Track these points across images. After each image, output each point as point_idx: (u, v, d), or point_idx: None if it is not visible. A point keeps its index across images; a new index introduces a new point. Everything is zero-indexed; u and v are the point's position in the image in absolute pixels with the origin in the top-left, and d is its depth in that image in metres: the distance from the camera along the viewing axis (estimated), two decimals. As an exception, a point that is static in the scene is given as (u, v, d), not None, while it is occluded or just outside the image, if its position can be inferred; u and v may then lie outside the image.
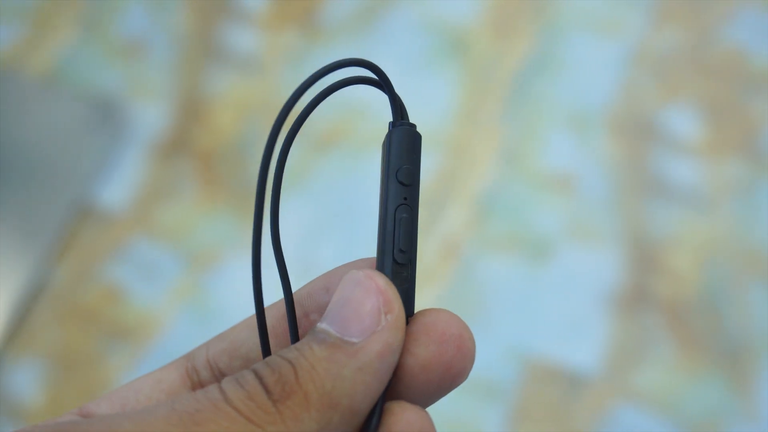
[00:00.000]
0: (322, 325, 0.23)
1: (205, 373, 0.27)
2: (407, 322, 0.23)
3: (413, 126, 0.25)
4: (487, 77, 0.85)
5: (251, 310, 0.26)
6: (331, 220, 0.80)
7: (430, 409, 0.23)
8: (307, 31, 0.89)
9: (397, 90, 0.26)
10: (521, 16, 0.88)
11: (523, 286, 0.76)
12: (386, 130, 0.25)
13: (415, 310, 0.24)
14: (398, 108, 0.25)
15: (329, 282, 0.26)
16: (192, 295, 0.77)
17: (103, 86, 0.87)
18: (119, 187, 0.82)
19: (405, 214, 0.24)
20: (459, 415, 0.71)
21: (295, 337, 0.25)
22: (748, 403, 0.71)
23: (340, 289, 0.23)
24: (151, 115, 0.85)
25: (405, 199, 0.24)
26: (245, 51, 0.88)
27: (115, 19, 0.91)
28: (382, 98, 0.26)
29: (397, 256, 0.24)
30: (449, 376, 0.23)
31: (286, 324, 0.26)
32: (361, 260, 0.26)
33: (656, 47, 0.86)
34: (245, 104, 0.86)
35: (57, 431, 0.20)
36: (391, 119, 0.26)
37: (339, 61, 0.25)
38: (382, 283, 0.23)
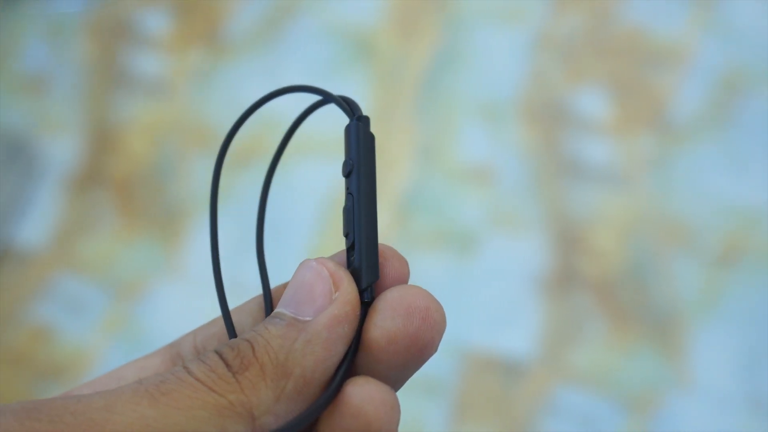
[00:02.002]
0: (279, 309, 0.24)
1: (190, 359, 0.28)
2: (369, 298, 0.25)
3: (359, 119, 0.27)
4: (396, 77, 0.86)
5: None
6: (254, 237, 0.79)
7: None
8: (212, 49, 0.88)
9: (308, 98, 0.27)
10: (424, 12, 0.89)
11: (453, 279, 0.76)
12: (304, 139, 0.27)
13: None
14: (347, 108, 0.27)
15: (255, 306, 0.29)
16: (122, 327, 0.76)
17: (9, 124, 0.85)
18: (36, 224, 0.80)
19: (347, 203, 0.26)
20: (402, 415, 0.71)
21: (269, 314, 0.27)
22: (682, 371, 0.73)
23: (294, 275, 0.25)
24: (61, 148, 0.84)
25: (347, 188, 0.26)
26: (151, 75, 0.87)
27: (14, 54, 0.89)
28: (296, 109, 0.27)
29: (346, 242, 0.26)
30: (417, 348, 0.24)
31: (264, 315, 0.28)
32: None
33: (558, 32, 0.87)
34: (157, 128, 0.85)
35: (26, 406, 0.21)
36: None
37: (283, 88, 0.28)
38: (331, 266, 0.25)
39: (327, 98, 0.28)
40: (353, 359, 0.25)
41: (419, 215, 0.79)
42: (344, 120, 0.27)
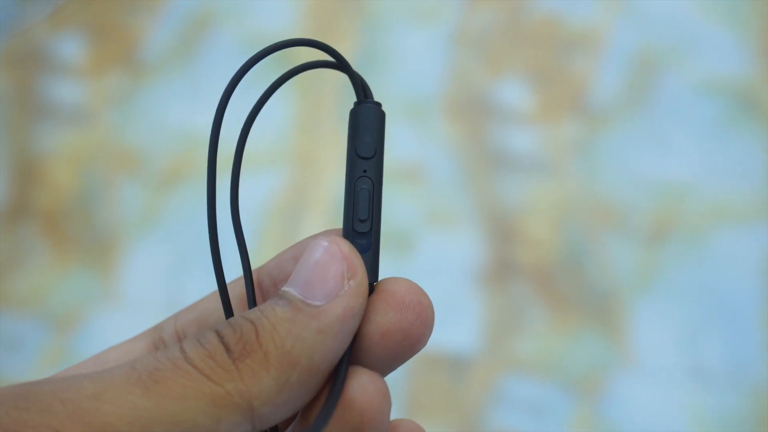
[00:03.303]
0: (286, 288, 0.23)
1: (171, 344, 0.27)
2: (370, 290, 0.24)
3: (376, 104, 0.26)
4: (318, 84, 0.85)
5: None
6: (191, 254, 0.78)
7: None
8: (129, 72, 0.87)
9: (229, 112, 0.26)
10: (340, 16, 0.89)
11: (393, 281, 0.76)
12: (230, 154, 0.26)
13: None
14: (360, 86, 0.27)
15: (297, 252, 0.27)
16: (63, 359, 0.75)
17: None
18: (-36, 264, 0.79)
19: (364, 186, 0.25)
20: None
21: (252, 301, 0.26)
22: (625, 350, 0.74)
23: (305, 255, 0.24)
24: (-16, 184, 0.82)
25: (365, 171, 0.25)
26: (71, 102, 0.86)
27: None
28: (229, 129, 0.26)
29: (357, 226, 0.25)
30: (409, 343, 0.24)
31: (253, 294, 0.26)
32: (329, 230, 0.26)
33: (474, 27, 0.88)
34: (81, 156, 0.84)
35: (15, 392, 0.20)
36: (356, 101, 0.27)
37: (290, 40, 0.26)
38: (346, 249, 0.23)
39: (345, 69, 0.27)
40: (352, 352, 0.24)
41: (353, 220, 0.79)
42: (272, 132, 0.27)
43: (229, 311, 0.26)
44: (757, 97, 0.82)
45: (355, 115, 0.26)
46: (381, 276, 0.26)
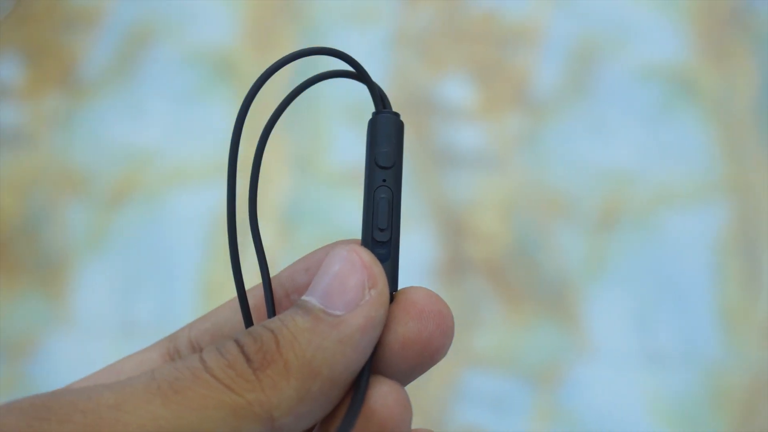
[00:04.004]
0: (306, 298, 0.23)
1: (186, 354, 0.27)
2: (391, 299, 0.24)
3: (395, 114, 0.27)
4: (260, 92, 0.85)
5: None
6: (142, 273, 0.78)
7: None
8: (69, 91, 0.86)
9: (175, 125, 0.26)
10: (279, 23, 0.88)
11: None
12: (177, 172, 0.26)
13: None
14: (378, 97, 0.27)
15: (309, 263, 0.28)
16: (18, 387, 0.74)
17: None
18: None
19: (383, 195, 0.26)
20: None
21: (272, 311, 0.26)
22: (581, 338, 0.74)
23: (325, 264, 0.24)
24: (-74, 214, 0.81)
25: (384, 180, 0.26)
26: (10, 125, 0.85)
27: None
28: (166, 143, 0.26)
29: (377, 235, 0.25)
30: (429, 353, 0.24)
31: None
32: (348, 240, 0.26)
33: (413, 26, 0.88)
34: (23, 179, 0.82)
35: (35, 403, 0.20)
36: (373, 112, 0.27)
37: (309, 48, 0.27)
38: (367, 258, 0.23)
39: (364, 80, 0.27)
40: (373, 361, 0.24)
41: (304, 226, 0.79)
42: (218, 144, 0.27)
43: (249, 321, 0.26)
44: (694, 80, 0.84)
45: (373, 125, 0.27)
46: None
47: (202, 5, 0.89)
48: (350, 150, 0.82)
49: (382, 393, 0.23)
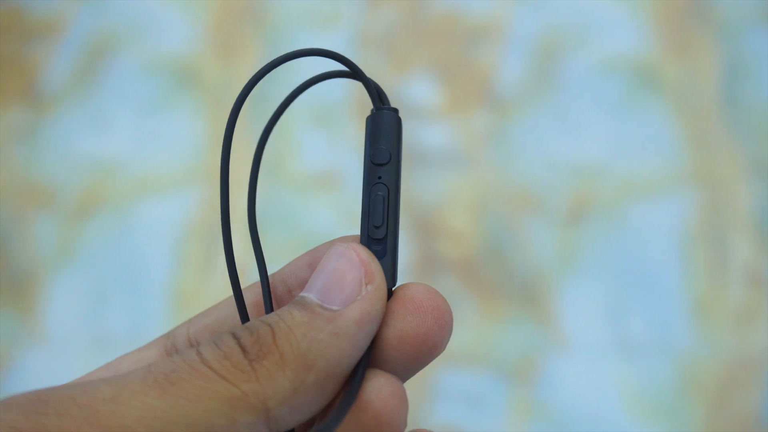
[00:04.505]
0: (304, 294, 0.23)
1: (187, 349, 0.26)
2: (389, 295, 0.24)
3: (392, 110, 0.27)
4: (224, 99, 0.85)
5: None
6: (112, 285, 0.77)
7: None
8: (32, 105, 0.85)
9: (140, 135, 0.26)
10: (241, 28, 0.88)
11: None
12: (144, 182, 0.26)
13: None
14: (375, 94, 0.27)
15: (313, 258, 0.28)
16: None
17: None
18: None
19: (379, 192, 0.25)
20: None
21: (269, 307, 0.26)
22: (555, 332, 0.75)
23: (323, 260, 0.24)
24: None
25: (380, 177, 0.26)
26: (-27, 141, 0.84)
27: None
28: (132, 153, 0.26)
29: (372, 232, 0.25)
30: (427, 348, 0.24)
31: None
32: (346, 237, 0.27)
33: (377, 27, 0.88)
34: (-11, 194, 0.82)
35: (33, 398, 0.20)
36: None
37: (302, 50, 0.26)
38: (365, 255, 0.24)
39: (359, 78, 0.27)
40: (370, 356, 0.24)
41: (273, 231, 0.79)
42: (181, 151, 0.27)
43: (245, 317, 0.26)
44: (657, 71, 0.84)
45: (370, 123, 0.27)
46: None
47: (162, 13, 0.88)
48: (318, 154, 0.82)
49: (378, 385, 0.23)
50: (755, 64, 0.84)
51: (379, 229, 0.25)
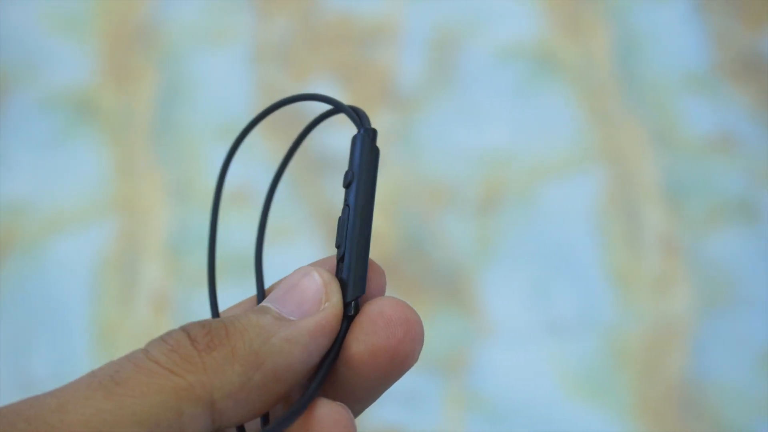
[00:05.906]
0: (265, 304, 0.24)
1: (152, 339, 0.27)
2: (353, 312, 0.25)
3: (363, 131, 0.27)
4: (126, 127, 0.84)
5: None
6: (33, 328, 0.75)
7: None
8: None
9: (43, 172, 0.26)
10: (135, 53, 0.87)
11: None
12: (53, 219, 0.27)
13: None
14: (355, 117, 0.27)
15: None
16: None
17: None
18: None
19: (341, 215, 0.26)
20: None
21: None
22: (482, 321, 0.75)
23: (287, 278, 0.25)
24: None
25: (345, 200, 0.26)
26: None
27: None
28: (37, 191, 0.26)
29: (337, 252, 0.26)
30: (399, 360, 0.24)
31: None
32: (326, 258, 0.27)
33: (271, 38, 0.88)
34: None
35: None
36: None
37: (294, 96, 0.29)
38: (326, 276, 0.25)
39: (337, 107, 0.28)
40: (328, 373, 0.25)
41: (192, 254, 0.78)
42: (87, 184, 0.26)
43: (215, 314, 0.27)
44: (553, 53, 0.85)
45: (351, 147, 0.27)
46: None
47: (54, 46, 0.87)
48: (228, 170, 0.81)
49: (324, 412, 0.24)
50: (645, 36, 0.86)
51: (339, 249, 0.26)
